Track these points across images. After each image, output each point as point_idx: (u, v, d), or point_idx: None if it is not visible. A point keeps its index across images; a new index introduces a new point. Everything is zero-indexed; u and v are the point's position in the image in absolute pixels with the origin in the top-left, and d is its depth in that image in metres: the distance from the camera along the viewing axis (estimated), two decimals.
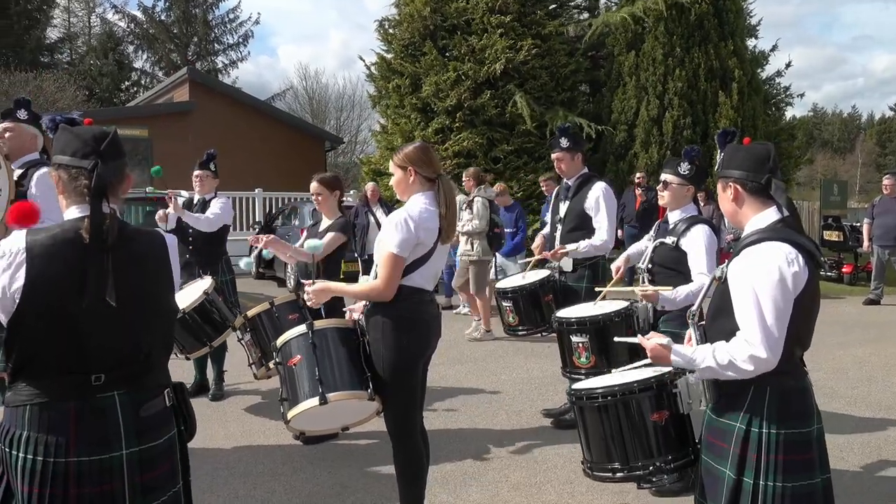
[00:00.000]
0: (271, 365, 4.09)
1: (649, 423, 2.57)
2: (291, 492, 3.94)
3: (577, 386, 2.78)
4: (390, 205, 9.84)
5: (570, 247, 4.67)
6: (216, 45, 38.73)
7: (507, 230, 8.65)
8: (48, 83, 27.02)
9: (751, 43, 15.58)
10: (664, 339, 2.39)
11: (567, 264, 4.78)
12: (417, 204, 3.13)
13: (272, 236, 4.53)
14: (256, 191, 15.56)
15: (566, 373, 3.92)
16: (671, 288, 3.55)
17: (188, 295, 5.01)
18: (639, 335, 2.54)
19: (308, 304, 3.34)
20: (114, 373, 1.96)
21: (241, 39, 38.56)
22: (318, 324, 3.19)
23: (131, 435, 1.98)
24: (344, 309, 3.92)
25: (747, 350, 2.14)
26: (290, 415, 3.10)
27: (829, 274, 12.90)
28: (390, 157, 3.33)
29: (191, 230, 5.54)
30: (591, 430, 2.68)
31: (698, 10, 13.56)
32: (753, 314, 2.15)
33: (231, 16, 38.20)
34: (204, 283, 5.03)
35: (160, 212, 5.59)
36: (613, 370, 2.85)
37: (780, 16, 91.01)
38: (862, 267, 12.97)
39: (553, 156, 4.87)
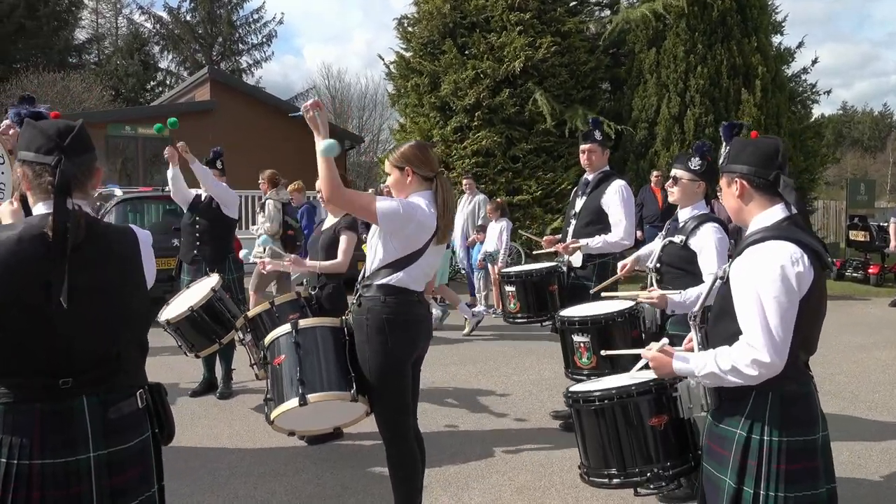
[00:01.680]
0: None
1: (647, 428, 2.48)
2: (292, 493, 3.89)
3: (574, 388, 2.69)
4: None
5: (583, 241, 4.58)
6: (240, 45, 39.08)
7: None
8: (75, 83, 27.45)
9: (776, 39, 15.28)
10: (661, 344, 2.30)
11: (577, 260, 4.69)
12: (417, 202, 3.06)
13: (292, 257, 4.53)
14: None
15: (569, 374, 3.83)
16: (678, 292, 3.43)
17: (196, 293, 4.99)
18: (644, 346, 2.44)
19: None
20: (82, 375, 1.91)
21: (264, 39, 38.88)
22: (303, 322, 3.15)
23: (99, 437, 1.93)
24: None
25: (750, 354, 2.05)
26: (273, 415, 3.06)
27: (854, 275, 12.62)
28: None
29: (198, 226, 5.53)
30: (589, 434, 2.60)
31: (721, 7, 13.31)
32: (756, 316, 2.06)
33: (255, 16, 38.52)
34: (211, 281, 5.01)
35: (168, 149, 5.52)
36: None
37: (811, 12, 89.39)
38: (889, 268, 12.68)
39: (585, 147, 4.76)
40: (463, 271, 11.01)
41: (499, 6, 13.77)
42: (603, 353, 2.58)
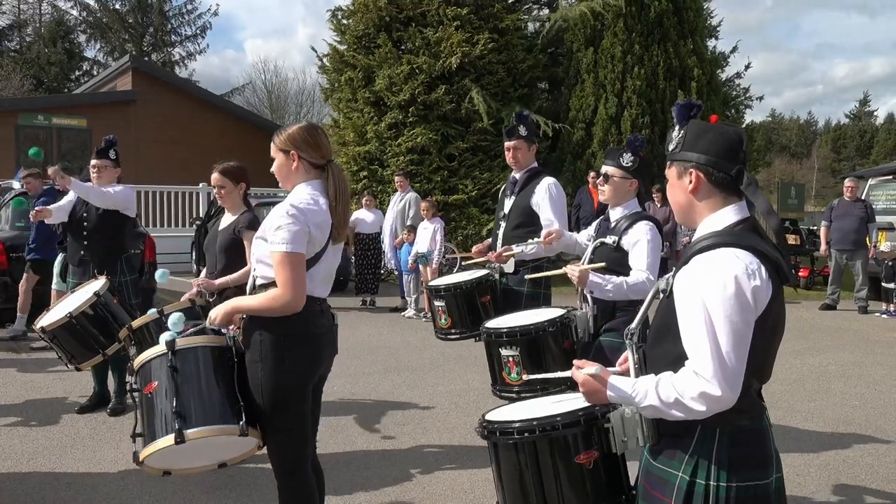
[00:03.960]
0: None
1: (574, 466, 2.10)
2: None
3: (490, 416, 2.30)
4: None
5: (517, 248, 4.20)
6: (173, 36, 37.75)
7: None
8: None
9: (711, 44, 15.38)
10: (594, 368, 1.92)
11: (508, 265, 4.32)
12: (302, 194, 2.62)
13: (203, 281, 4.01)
14: (200, 185, 14.83)
15: (496, 390, 3.44)
16: (603, 265, 3.13)
17: (78, 297, 4.43)
18: (573, 368, 2.06)
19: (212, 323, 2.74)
20: None
21: (198, 31, 37.69)
22: (182, 342, 2.63)
23: None
24: None
25: (697, 386, 1.69)
26: (143, 454, 2.53)
27: None
28: (342, 152, 2.81)
29: (85, 224, 4.95)
30: (506, 471, 2.21)
31: (658, 8, 13.27)
32: (705, 340, 1.70)
33: (188, 7, 37.27)
34: (96, 284, 4.46)
35: (34, 210, 4.97)
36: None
37: (745, 21, 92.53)
38: (818, 271, 12.82)
39: (508, 144, 4.36)
40: (395, 273, 10.59)
41: (435, 0, 13.38)
42: (525, 377, 2.19)
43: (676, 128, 1.99)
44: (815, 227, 12.89)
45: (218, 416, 2.52)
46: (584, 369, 1.94)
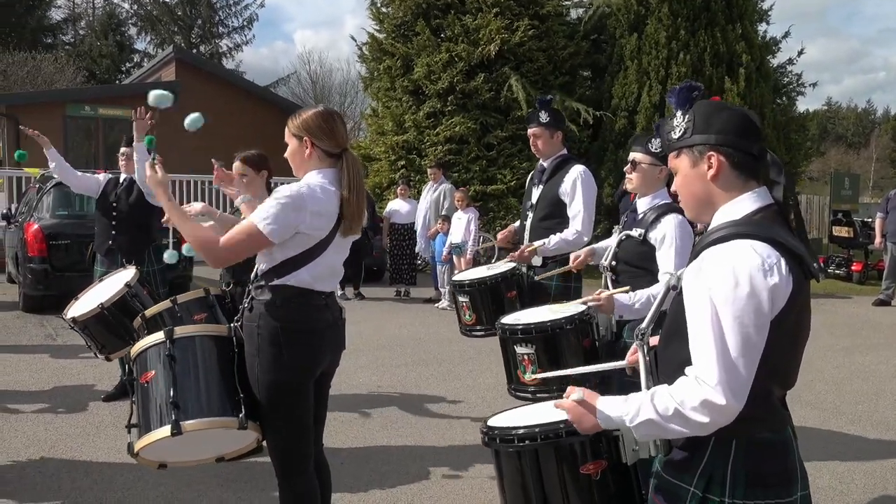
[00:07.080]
0: None
1: (580, 477, 1.95)
2: None
3: (492, 422, 2.16)
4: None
5: (538, 243, 4.04)
6: (220, 27, 38.30)
7: None
8: (47, 64, 26.65)
9: (761, 28, 14.81)
10: (578, 394, 1.76)
11: (537, 259, 4.17)
12: (311, 182, 2.51)
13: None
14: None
15: (511, 390, 3.29)
16: (628, 288, 2.92)
17: (108, 287, 4.42)
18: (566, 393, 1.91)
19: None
20: None
21: (245, 23, 38.18)
22: (181, 330, 2.56)
23: None
24: None
25: (699, 393, 1.52)
26: (137, 446, 2.47)
27: (837, 272, 12.22)
28: (380, 141, 2.69)
29: (115, 213, 4.95)
30: (508, 480, 2.07)
31: None
32: (710, 342, 1.53)
33: None
34: (126, 274, 4.44)
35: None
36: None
37: (803, 6, 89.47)
38: (872, 265, 12.28)
39: (529, 132, 4.18)
40: (430, 263, 10.48)
41: None
42: (534, 375, 2.06)
43: (678, 113, 1.80)
44: (871, 219, 12.32)
45: (216, 408, 2.45)
46: (572, 395, 1.79)
